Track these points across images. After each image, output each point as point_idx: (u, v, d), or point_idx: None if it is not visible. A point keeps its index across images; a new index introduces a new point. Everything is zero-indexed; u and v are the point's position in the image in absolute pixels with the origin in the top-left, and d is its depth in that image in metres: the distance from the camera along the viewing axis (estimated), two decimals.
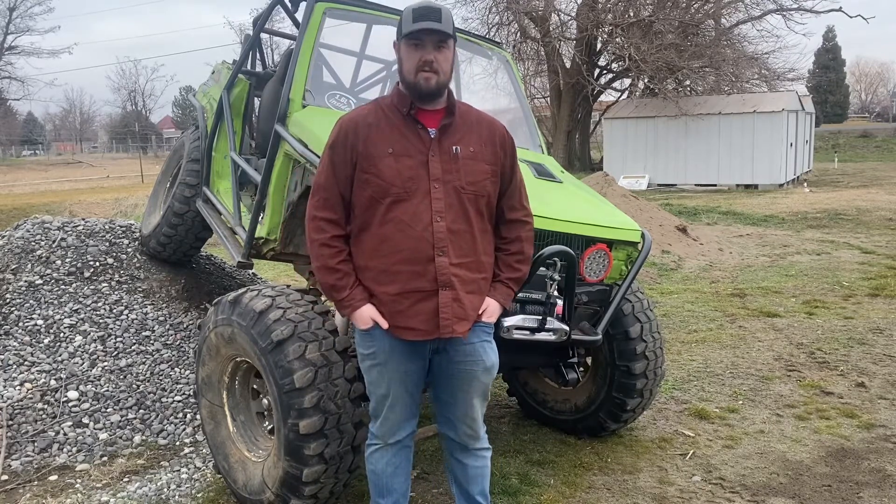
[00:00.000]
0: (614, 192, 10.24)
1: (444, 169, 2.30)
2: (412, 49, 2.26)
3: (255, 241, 3.65)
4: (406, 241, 2.25)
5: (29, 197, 20.61)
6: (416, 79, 2.26)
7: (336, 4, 3.63)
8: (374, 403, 2.44)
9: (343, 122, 2.35)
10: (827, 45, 52.89)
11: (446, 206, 2.27)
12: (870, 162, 27.58)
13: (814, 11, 22.71)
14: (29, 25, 53.69)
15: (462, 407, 2.44)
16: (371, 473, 2.53)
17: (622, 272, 3.39)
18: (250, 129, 4.67)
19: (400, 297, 2.27)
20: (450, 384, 2.41)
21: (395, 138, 2.30)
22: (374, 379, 2.40)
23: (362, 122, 2.33)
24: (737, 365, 4.98)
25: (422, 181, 2.27)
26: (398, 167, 2.27)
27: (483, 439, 2.54)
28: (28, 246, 4.89)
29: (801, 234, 10.98)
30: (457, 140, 2.34)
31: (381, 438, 2.47)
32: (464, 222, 2.31)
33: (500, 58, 4.30)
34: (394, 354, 2.34)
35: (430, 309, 2.26)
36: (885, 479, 3.32)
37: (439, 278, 2.25)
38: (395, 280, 2.27)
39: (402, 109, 2.32)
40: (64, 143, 67.68)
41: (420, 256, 2.25)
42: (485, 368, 2.40)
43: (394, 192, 2.26)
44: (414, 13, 2.25)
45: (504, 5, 23.41)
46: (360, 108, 2.42)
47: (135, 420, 3.87)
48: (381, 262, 2.28)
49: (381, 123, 2.32)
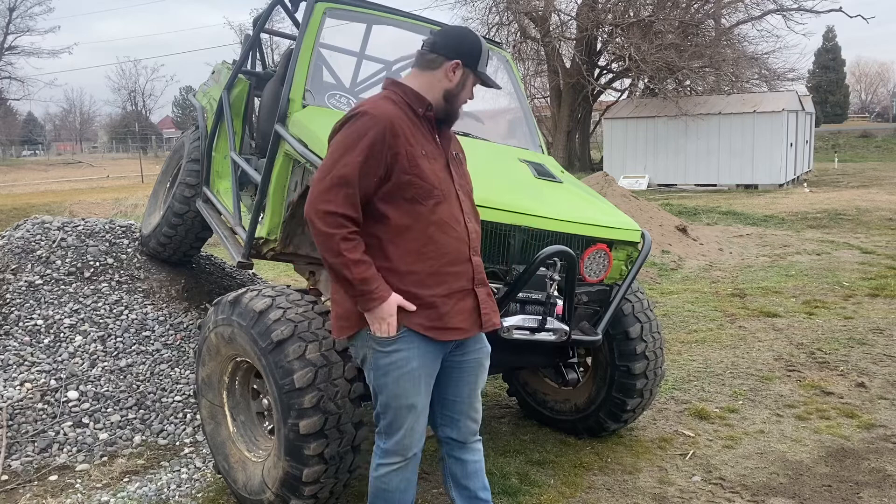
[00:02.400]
0: (614, 192, 10.24)
1: (457, 172, 2.38)
2: (471, 81, 2.36)
3: (255, 241, 3.65)
4: (451, 243, 2.27)
5: (29, 197, 20.62)
6: (459, 106, 2.37)
7: (336, 4, 3.63)
8: (394, 417, 2.29)
9: (379, 118, 2.20)
10: (827, 45, 52.87)
11: (469, 207, 2.39)
12: (870, 162, 27.58)
13: (814, 11, 22.77)
14: (29, 25, 53.84)
15: (468, 401, 2.44)
16: (381, 492, 2.39)
17: (622, 272, 3.39)
18: (250, 129, 4.67)
19: (447, 298, 2.27)
20: (459, 379, 2.41)
21: (422, 139, 2.29)
22: (402, 390, 2.26)
23: (397, 119, 2.23)
24: (737, 365, 4.98)
25: (451, 183, 2.33)
26: (433, 168, 2.28)
27: (477, 432, 2.55)
28: (28, 246, 4.89)
29: (801, 234, 10.98)
30: (452, 146, 2.44)
31: (400, 455, 2.33)
32: (478, 223, 2.44)
33: (500, 58, 4.30)
34: (427, 358, 2.28)
35: (470, 307, 2.32)
36: (885, 479, 3.32)
37: (476, 276, 2.33)
38: (444, 281, 2.26)
39: (416, 109, 2.31)
40: (64, 143, 67.67)
41: (462, 257, 2.30)
42: (486, 353, 2.47)
43: (436, 193, 2.26)
44: (484, 54, 2.36)
45: (504, 5, 23.41)
46: (381, 103, 2.27)
47: (135, 420, 3.87)
48: (428, 264, 2.24)
49: (411, 123, 2.29)
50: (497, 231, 2.94)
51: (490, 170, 3.20)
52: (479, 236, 2.42)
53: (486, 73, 2.38)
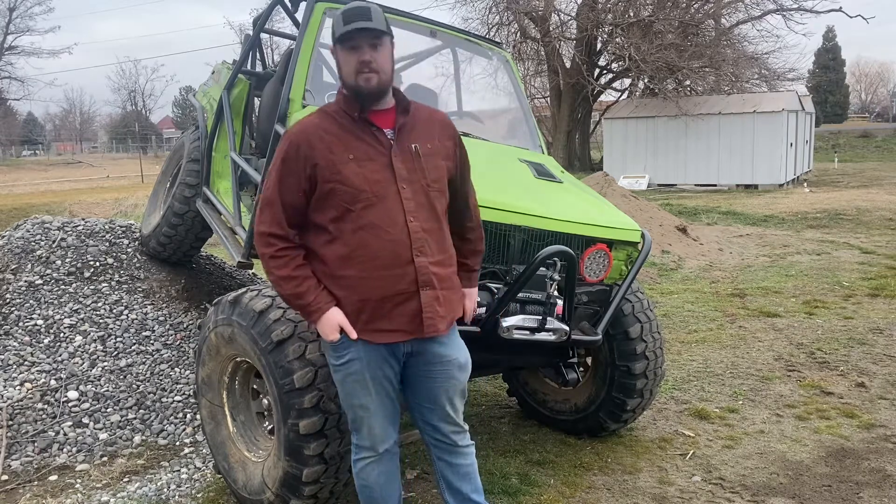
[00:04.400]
0: (614, 192, 10.24)
1: (407, 168, 2.25)
2: (349, 52, 2.22)
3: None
4: (384, 245, 2.20)
5: (29, 197, 20.62)
6: (357, 81, 2.22)
7: (336, 4, 3.63)
8: (353, 416, 2.36)
9: (292, 135, 2.27)
10: (827, 45, 52.88)
11: (416, 205, 2.24)
12: (870, 162, 27.58)
13: (814, 11, 22.76)
14: (29, 25, 53.94)
15: (441, 406, 2.38)
16: (363, 489, 2.43)
17: (622, 272, 3.39)
18: (250, 129, 4.67)
19: (382, 301, 2.22)
20: (427, 387, 2.36)
21: (352, 143, 2.24)
22: (350, 390, 2.31)
23: (314, 132, 2.25)
24: (737, 365, 4.98)
25: (389, 183, 2.23)
26: (363, 172, 2.21)
27: (467, 435, 2.49)
28: (28, 246, 4.89)
29: (801, 234, 10.97)
30: (414, 138, 2.30)
31: (371, 449, 2.38)
32: (434, 220, 2.29)
33: (500, 58, 4.30)
34: (371, 361, 2.27)
35: (411, 310, 2.24)
36: (885, 479, 3.31)
37: (420, 278, 2.22)
38: (376, 285, 2.21)
39: (351, 114, 2.27)
40: (64, 143, 67.64)
41: (399, 259, 2.21)
42: (459, 366, 2.37)
43: (364, 196, 2.20)
44: (344, 16, 2.21)
45: (504, 5, 23.41)
46: (306, 118, 2.33)
47: (135, 420, 3.87)
48: (358, 269, 2.21)
49: (335, 130, 2.26)
50: (497, 231, 2.94)
51: (490, 170, 3.20)
52: (434, 234, 2.27)
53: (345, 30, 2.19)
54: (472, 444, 2.52)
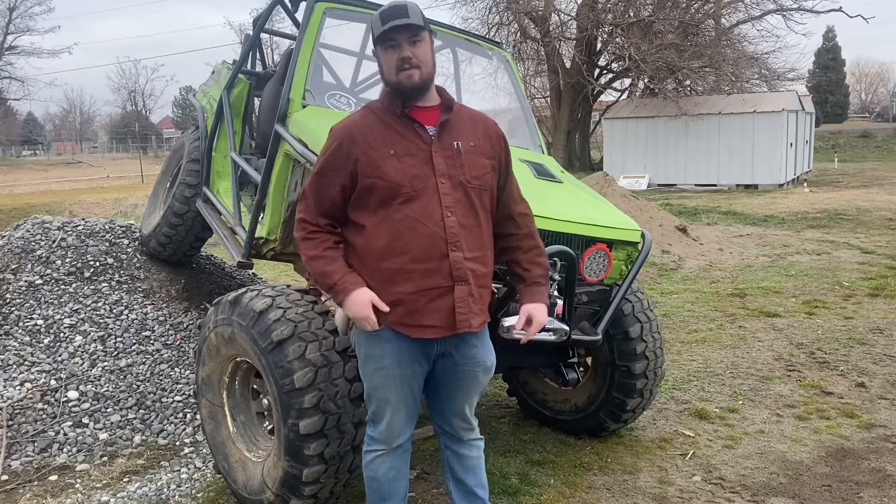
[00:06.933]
0: (614, 192, 10.24)
1: (448, 164, 2.29)
2: (389, 51, 2.26)
3: (255, 241, 3.65)
4: (419, 239, 2.23)
5: (29, 197, 20.62)
6: (398, 77, 2.25)
7: (336, 4, 3.63)
8: (375, 408, 2.40)
9: (336, 132, 2.34)
10: (827, 45, 52.88)
11: (454, 201, 2.26)
12: (870, 162, 27.58)
13: (814, 11, 22.76)
14: (29, 25, 53.90)
15: (459, 404, 2.45)
16: (371, 480, 2.48)
17: (622, 272, 3.39)
18: (250, 129, 4.67)
19: (416, 295, 2.24)
20: (451, 385, 2.41)
21: (394, 139, 2.29)
22: (378, 384, 2.35)
23: (357, 128, 2.31)
24: (737, 365, 4.98)
25: (428, 178, 2.26)
26: (402, 167, 2.25)
27: (476, 430, 2.54)
28: (28, 246, 4.89)
29: (801, 234, 10.97)
30: (456, 135, 2.33)
31: (384, 443, 2.42)
32: (472, 217, 2.31)
33: (500, 58, 4.30)
34: (402, 357, 2.31)
35: (446, 305, 2.25)
36: (885, 479, 3.32)
37: (454, 273, 2.24)
38: (411, 278, 2.24)
39: (394, 110, 2.31)
40: (64, 143, 67.66)
41: (434, 253, 2.23)
42: (485, 369, 2.42)
43: (403, 191, 2.24)
44: (381, 16, 2.25)
45: (504, 5, 23.41)
46: (351, 115, 2.40)
47: (135, 420, 3.87)
48: (394, 261, 2.25)
49: (377, 127, 2.30)
50: None
51: None
52: (471, 230, 2.29)
53: (384, 29, 2.23)
54: (482, 438, 2.56)
